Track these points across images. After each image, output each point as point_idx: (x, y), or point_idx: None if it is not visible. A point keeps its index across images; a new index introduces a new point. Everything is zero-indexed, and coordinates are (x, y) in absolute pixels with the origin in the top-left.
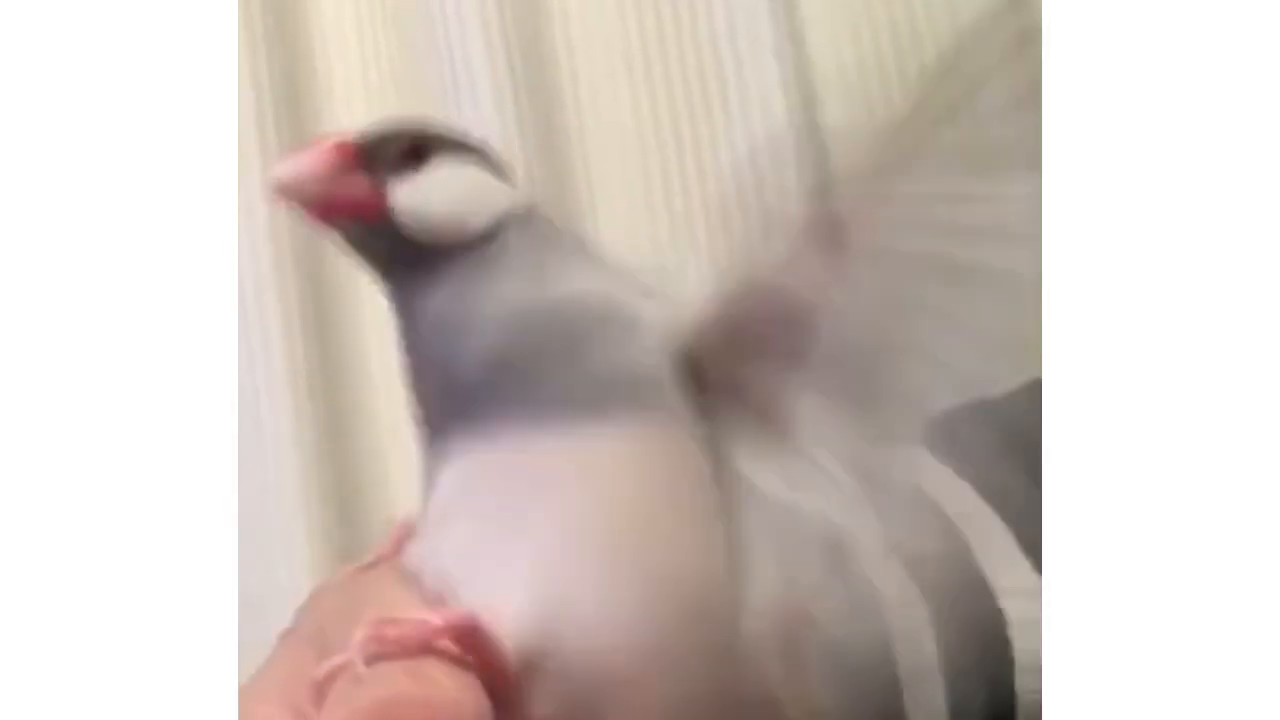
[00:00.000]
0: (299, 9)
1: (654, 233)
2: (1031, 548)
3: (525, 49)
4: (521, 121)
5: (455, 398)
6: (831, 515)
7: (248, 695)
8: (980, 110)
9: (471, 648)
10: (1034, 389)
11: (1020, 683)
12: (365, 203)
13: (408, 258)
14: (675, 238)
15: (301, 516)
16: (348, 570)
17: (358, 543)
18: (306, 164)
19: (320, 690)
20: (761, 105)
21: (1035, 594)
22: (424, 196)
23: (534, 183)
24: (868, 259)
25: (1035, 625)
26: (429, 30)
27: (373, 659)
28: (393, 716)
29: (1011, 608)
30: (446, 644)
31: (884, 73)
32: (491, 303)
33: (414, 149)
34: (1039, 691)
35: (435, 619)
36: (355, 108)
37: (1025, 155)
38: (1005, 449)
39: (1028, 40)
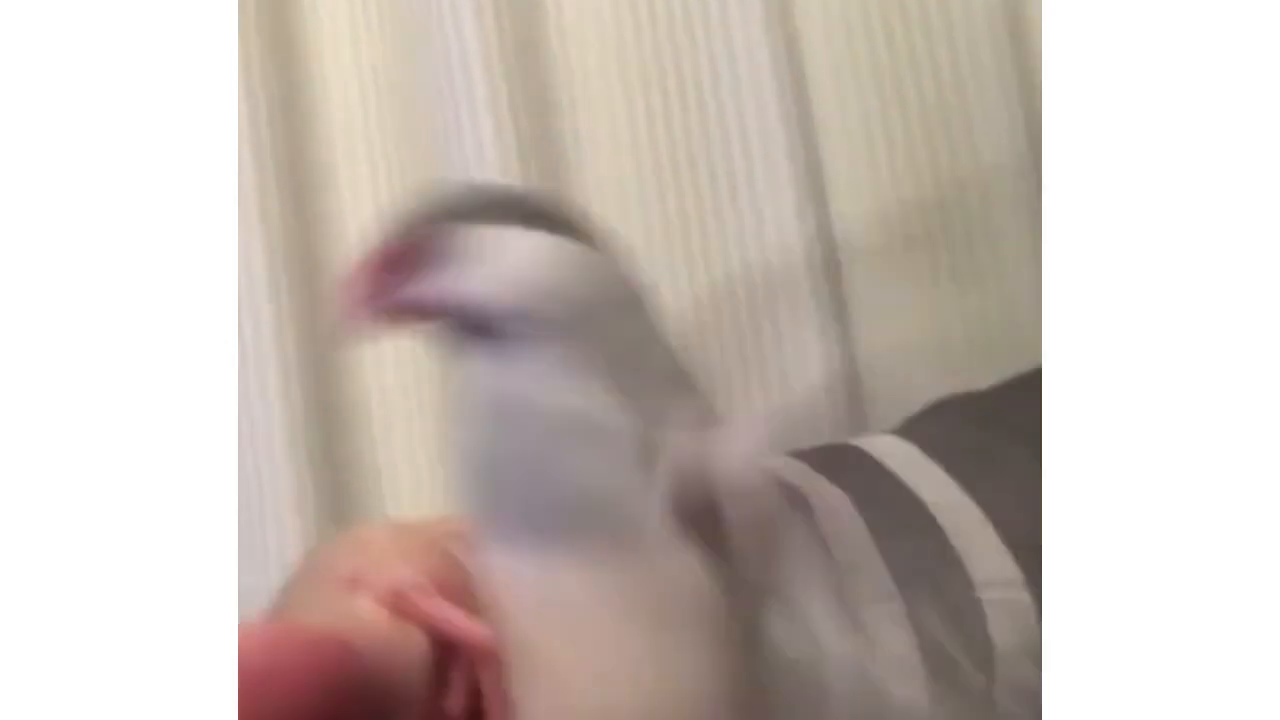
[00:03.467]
0: (295, 19)
1: (646, 228)
2: (1011, 539)
3: (521, 49)
4: (517, 124)
5: (473, 488)
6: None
7: None
8: None
9: (483, 661)
10: (1017, 383)
11: (1000, 672)
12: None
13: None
14: (668, 234)
15: (294, 515)
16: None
17: None
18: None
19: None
20: (755, 101)
21: (1014, 584)
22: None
23: (528, 184)
24: None
25: (1015, 615)
26: (426, 40)
27: (389, 605)
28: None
29: (990, 598)
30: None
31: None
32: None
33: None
34: (1019, 681)
35: (476, 630)
36: (352, 113)
37: None
38: (986, 441)
39: None
